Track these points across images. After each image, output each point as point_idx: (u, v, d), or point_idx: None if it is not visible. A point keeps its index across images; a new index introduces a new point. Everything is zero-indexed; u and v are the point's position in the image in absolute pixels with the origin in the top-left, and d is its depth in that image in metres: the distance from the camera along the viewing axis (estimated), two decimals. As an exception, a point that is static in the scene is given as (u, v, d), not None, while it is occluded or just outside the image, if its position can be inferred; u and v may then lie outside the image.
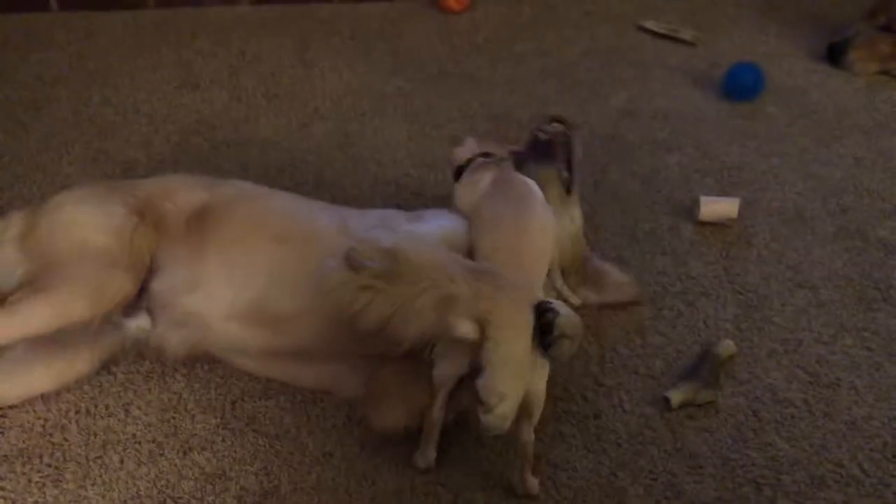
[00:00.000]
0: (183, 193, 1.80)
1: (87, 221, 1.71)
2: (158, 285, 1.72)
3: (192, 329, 1.71)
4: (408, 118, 2.62)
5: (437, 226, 1.75)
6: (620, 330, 1.90)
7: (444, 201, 2.26)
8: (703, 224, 2.18)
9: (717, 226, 2.18)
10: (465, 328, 1.41)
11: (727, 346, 1.82)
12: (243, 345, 1.71)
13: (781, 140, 2.52)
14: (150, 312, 1.74)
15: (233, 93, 2.74)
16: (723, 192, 2.29)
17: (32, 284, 1.63)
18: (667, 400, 1.72)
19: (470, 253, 1.65)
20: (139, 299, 1.72)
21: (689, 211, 2.21)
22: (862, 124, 2.59)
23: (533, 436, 1.51)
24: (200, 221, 1.74)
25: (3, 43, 3.03)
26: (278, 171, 2.39)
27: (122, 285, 1.66)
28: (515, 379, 1.40)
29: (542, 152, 1.87)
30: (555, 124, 1.91)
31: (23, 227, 1.72)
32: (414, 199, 2.29)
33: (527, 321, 1.42)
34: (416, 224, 1.76)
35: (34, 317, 1.60)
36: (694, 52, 2.97)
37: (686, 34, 3.03)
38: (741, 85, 2.68)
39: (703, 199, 2.18)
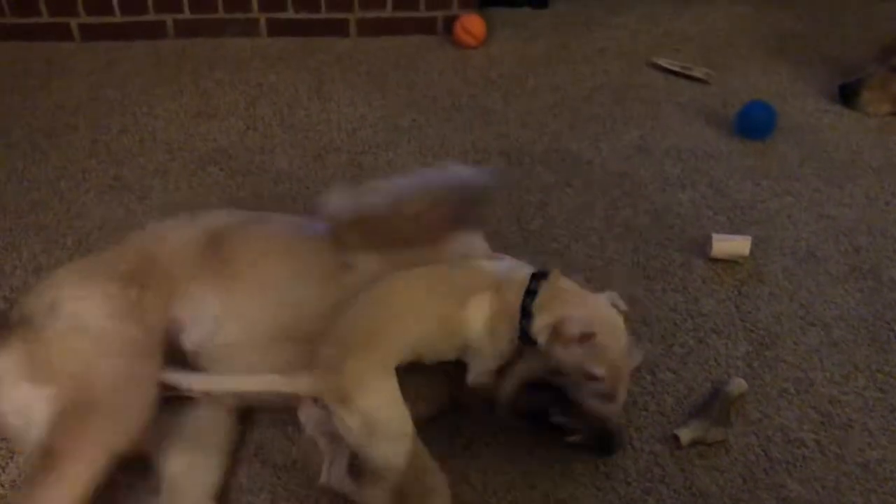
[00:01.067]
0: (171, 236, 1.73)
1: (90, 313, 1.55)
2: (191, 338, 1.65)
3: (224, 366, 1.64)
4: (421, 151, 2.64)
5: None
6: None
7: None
8: (715, 261, 2.18)
9: (729, 263, 2.17)
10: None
11: (738, 385, 1.81)
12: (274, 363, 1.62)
13: (794, 179, 2.53)
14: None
15: (249, 123, 2.77)
16: (735, 230, 2.29)
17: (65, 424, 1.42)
18: (676, 438, 1.70)
19: None
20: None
21: (702, 248, 2.21)
22: (874, 164, 2.59)
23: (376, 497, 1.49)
24: (214, 252, 1.69)
25: (26, 71, 3.09)
26: (292, 200, 2.41)
27: (143, 401, 1.51)
28: (391, 445, 1.45)
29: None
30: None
31: (23, 355, 1.50)
32: (426, 231, 2.30)
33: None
34: None
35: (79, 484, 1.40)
36: (706, 90, 2.99)
37: (699, 72, 3.05)
38: (754, 123, 2.69)
39: (715, 236, 2.18)
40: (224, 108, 2.85)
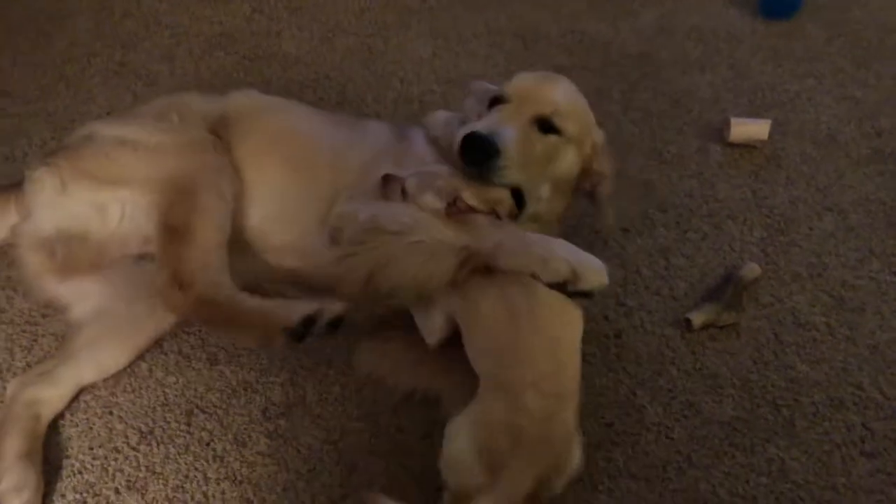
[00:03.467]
0: (195, 105, 1.76)
1: (134, 132, 1.66)
2: None
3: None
4: (433, 33, 2.56)
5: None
6: (644, 251, 1.89)
7: (469, 119, 2.24)
8: (733, 146, 2.14)
9: (747, 148, 2.14)
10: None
11: (751, 269, 1.81)
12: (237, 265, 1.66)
13: (818, 60, 2.44)
14: None
15: (255, 5, 2.69)
16: (755, 114, 2.23)
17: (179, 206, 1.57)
18: (688, 321, 1.72)
19: None
20: None
21: (719, 132, 2.17)
22: (903, 44, 2.50)
23: None
24: (223, 132, 1.71)
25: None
26: (301, 86, 2.37)
27: (223, 162, 1.66)
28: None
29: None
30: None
31: (63, 170, 1.62)
32: (438, 116, 2.26)
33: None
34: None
35: (215, 223, 1.59)
36: (731, -33, 2.86)
37: (723, -53, 2.90)
38: (779, 2, 2.58)
39: (733, 119, 2.14)
40: (229, -10, 2.75)
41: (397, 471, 1.50)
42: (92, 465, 1.51)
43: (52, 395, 1.55)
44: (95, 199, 1.60)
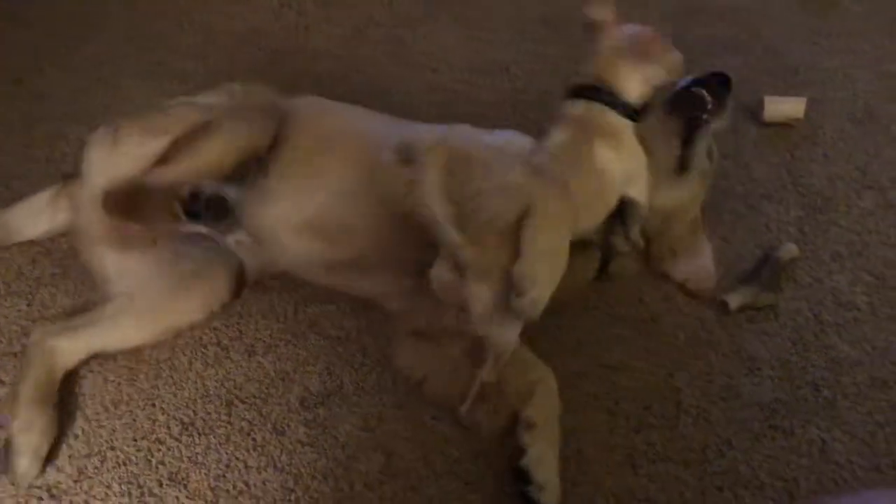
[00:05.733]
0: (263, 94, 1.82)
1: (199, 100, 1.78)
2: (237, 192, 1.71)
3: (264, 243, 1.73)
4: (462, 23, 2.56)
5: (504, 139, 1.64)
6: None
7: (499, 107, 2.24)
8: (768, 125, 2.11)
9: (783, 126, 2.10)
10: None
11: (789, 250, 1.78)
12: (308, 256, 1.73)
13: (856, 36, 2.39)
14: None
15: (283, 0, 2.71)
16: (790, 93, 2.19)
17: (192, 133, 1.66)
18: (725, 303, 1.70)
19: None
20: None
21: (754, 112, 2.14)
22: (944, 16, 2.44)
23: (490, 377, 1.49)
24: (281, 127, 1.73)
25: (57, -43, 3.04)
26: (332, 79, 2.38)
27: (268, 119, 1.72)
28: (550, 267, 1.40)
29: (676, 110, 1.68)
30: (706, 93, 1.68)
31: (122, 128, 1.71)
32: (468, 105, 2.26)
33: (567, 214, 1.43)
34: (484, 136, 1.66)
35: (210, 150, 1.64)
36: (763, -56, 2.81)
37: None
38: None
39: (767, 98, 2.11)
40: (258, -14, 2.78)
41: (434, 458, 1.51)
42: (136, 457, 1.54)
43: (69, 347, 1.62)
44: (142, 151, 1.65)
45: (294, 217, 1.69)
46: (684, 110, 1.67)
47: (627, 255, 1.72)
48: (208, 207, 1.60)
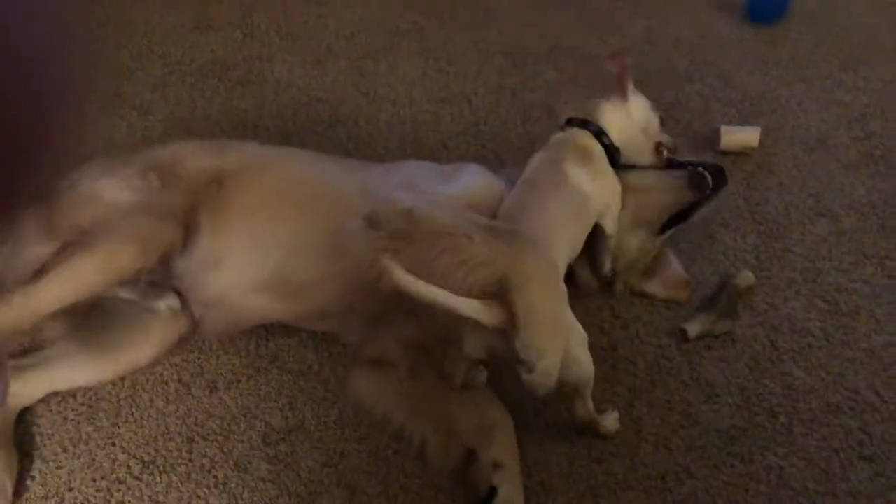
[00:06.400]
0: (192, 160, 1.72)
1: (107, 187, 1.64)
2: (181, 263, 1.65)
3: (221, 309, 1.67)
4: (422, 54, 2.58)
5: (465, 186, 1.63)
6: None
7: (462, 137, 2.27)
8: (724, 153, 2.15)
9: (738, 155, 2.15)
10: (479, 311, 1.33)
11: (746, 277, 1.82)
12: (271, 315, 1.69)
13: (806, 65, 2.46)
14: (177, 292, 1.70)
15: (246, 31, 2.72)
16: (744, 122, 2.25)
17: (71, 247, 1.54)
18: (684, 331, 1.73)
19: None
20: (166, 277, 1.67)
21: (710, 141, 2.18)
22: (891, 46, 2.51)
23: (590, 407, 1.50)
24: (218, 190, 1.68)
25: (17, -12, 3.01)
26: (294, 111, 2.39)
27: (164, 230, 1.60)
28: (551, 332, 1.33)
29: (690, 171, 1.77)
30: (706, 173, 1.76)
31: (39, 217, 1.59)
32: (430, 135, 2.28)
33: (553, 272, 1.39)
34: (444, 184, 1.64)
35: (83, 273, 1.52)
36: (716, -24, 2.88)
37: (708, -43, 2.93)
38: (765, 8, 2.60)
39: (723, 128, 2.15)
40: (220, 18, 2.78)
41: (397, 492, 1.51)
42: (96, 498, 1.52)
43: (21, 390, 1.60)
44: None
45: (248, 279, 1.64)
46: (699, 184, 1.75)
47: (587, 274, 1.75)
48: None
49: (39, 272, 1.52)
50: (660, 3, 2.76)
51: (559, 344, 1.34)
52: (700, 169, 1.76)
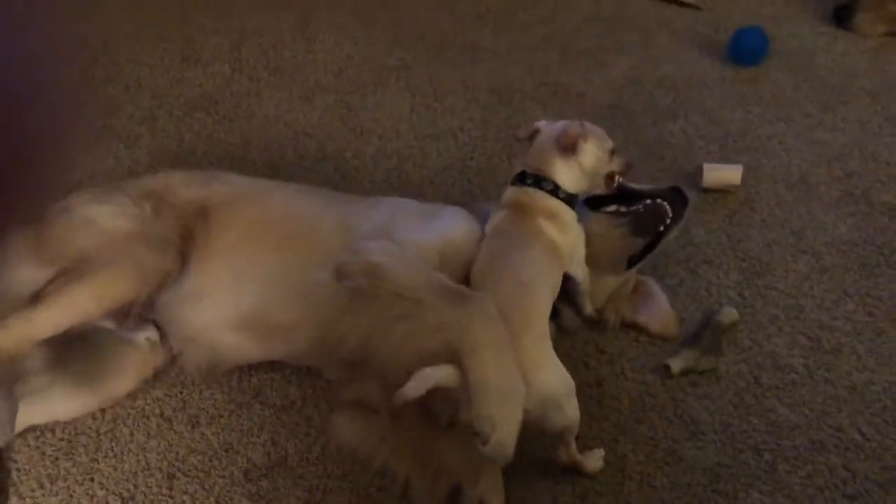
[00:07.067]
0: (183, 190, 1.72)
1: (102, 213, 1.63)
2: (163, 295, 1.64)
3: (200, 345, 1.66)
4: (409, 90, 2.61)
5: (442, 231, 1.64)
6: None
7: (448, 172, 2.28)
8: (707, 191, 2.17)
9: (721, 192, 2.17)
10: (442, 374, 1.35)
11: (729, 313, 1.83)
12: (248, 355, 1.68)
13: (786, 105, 2.50)
14: (157, 325, 1.69)
15: (235, 66, 2.74)
16: (727, 159, 2.28)
17: (66, 275, 1.53)
18: (667, 367, 1.73)
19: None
20: (147, 308, 1.66)
21: (693, 178, 2.21)
22: (868, 87, 2.56)
23: (573, 450, 1.51)
24: (203, 222, 1.67)
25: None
26: (280, 145, 2.40)
27: (162, 260, 1.59)
28: (503, 401, 1.33)
29: (633, 214, 1.77)
30: (663, 203, 1.79)
31: (28, 239, 1.59)
32: (416, 170, 2.30)
33: (502, 338, 1.38)
34: (423, 227, 1.64)
35: (78, 302, 1.52)
36: (699, 17, 2.93)
37: (691, -2, 2.99)
38: (746, 49, 2.65)
39: (706, 166, 2.18)
40: (209, 53, 2.81)
41: (380, 529, 1.49)
42: (72, 534, 1.50)
43: None
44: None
45: (226, 316, 1.63)
46: (648, 224, 1.76)
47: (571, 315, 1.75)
48: None
49: (36, 297, 1.51)
50: (644, 43, 2.80)
51: (513, 413, 1.33)
52: (651, 202, 1.77)
